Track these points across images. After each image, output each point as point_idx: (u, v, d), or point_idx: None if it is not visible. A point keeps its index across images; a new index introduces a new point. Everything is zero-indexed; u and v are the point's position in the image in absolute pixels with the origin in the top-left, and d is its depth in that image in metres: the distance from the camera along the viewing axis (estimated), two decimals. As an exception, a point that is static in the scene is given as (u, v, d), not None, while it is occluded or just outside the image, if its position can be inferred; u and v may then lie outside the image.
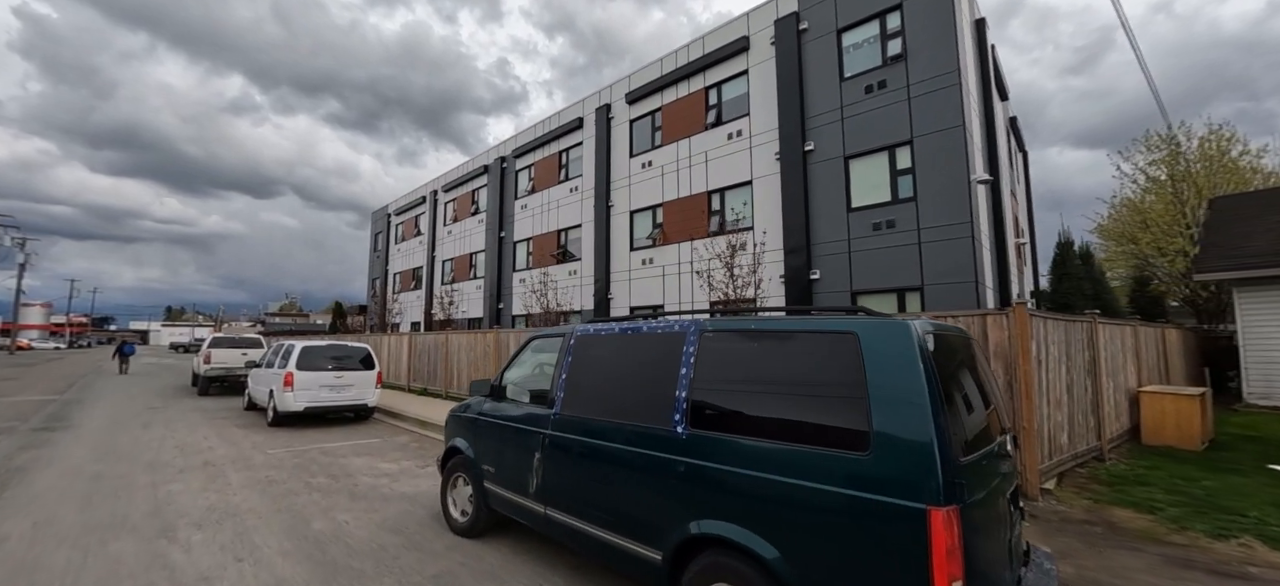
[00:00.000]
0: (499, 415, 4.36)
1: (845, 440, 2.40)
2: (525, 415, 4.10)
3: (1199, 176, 25.22)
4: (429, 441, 9.20)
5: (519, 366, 4.64)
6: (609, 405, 3.46)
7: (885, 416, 2.30)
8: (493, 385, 4.52)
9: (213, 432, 9.68)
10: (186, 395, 16.01)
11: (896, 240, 12.31)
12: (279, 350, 11.61)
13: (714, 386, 2.98)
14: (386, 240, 37.49)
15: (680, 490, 2.89)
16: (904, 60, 12.50)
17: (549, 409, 3.87)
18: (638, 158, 18.72)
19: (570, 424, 3.65)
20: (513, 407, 4.30)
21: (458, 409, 5.07)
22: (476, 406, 4.71)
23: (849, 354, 2.49)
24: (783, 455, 2.55)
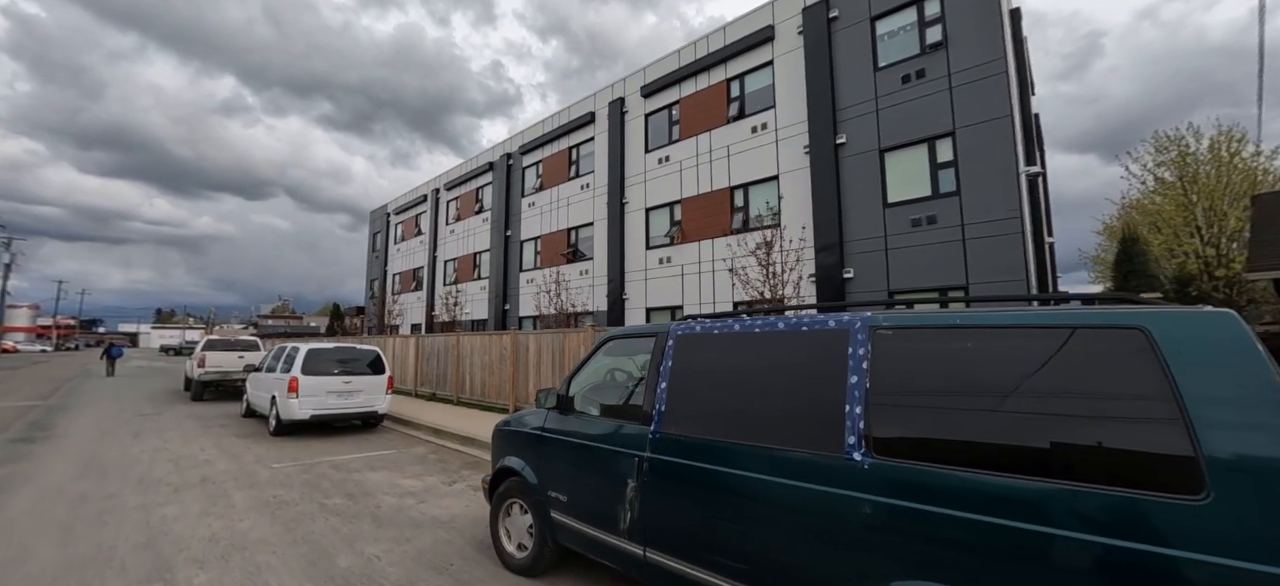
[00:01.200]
0: (571, 432, 3.60)
1: (1147, 475, 1.69)
2: (609, 432, 3.36)
3: (1208, 179, 24.89)
4: (448, 453, 8.41)
5: (590, 373, 3.90)
6: (736, 423, 2.72)
7: (1226, 440, 1.59)
8: (559, 395, 3.76)
9: (210, 443, 8.85)
10: (179, 400, 15.10)
11: (938, 236, 11.65)
12: (280, 353, 10.79)
13: (906, 400, 2.26)
14: (385, 240, 36.58)
15: (868, 538, 2.16)
16: (944, 48, 11.87)
17: (644, 426, 3.13)
18: (654, 153, 18.01)
19: (679, 446, 2.91)
20: (589, 423, 3.55)
21: (510, 423, 4.32)
22: (536, 420, 3.96)
23: (1138, 354, 1.78)
24: (1040, 497, 1.83)
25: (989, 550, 1.89)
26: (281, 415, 9.46)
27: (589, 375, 3.90)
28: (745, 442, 2.63)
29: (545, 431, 3.81)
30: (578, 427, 3.57)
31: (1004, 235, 10.85)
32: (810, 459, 2.39)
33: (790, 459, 2.46)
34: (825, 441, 2.37)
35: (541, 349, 10.95)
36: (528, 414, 4.23)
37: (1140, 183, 27.12)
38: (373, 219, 39.14)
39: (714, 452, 2.73)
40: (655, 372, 3.21)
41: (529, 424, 4.02)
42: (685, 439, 2.89)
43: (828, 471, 2.32)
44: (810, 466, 2.38)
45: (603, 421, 3.46)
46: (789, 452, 2.47)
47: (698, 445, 2.82)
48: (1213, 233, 23.78)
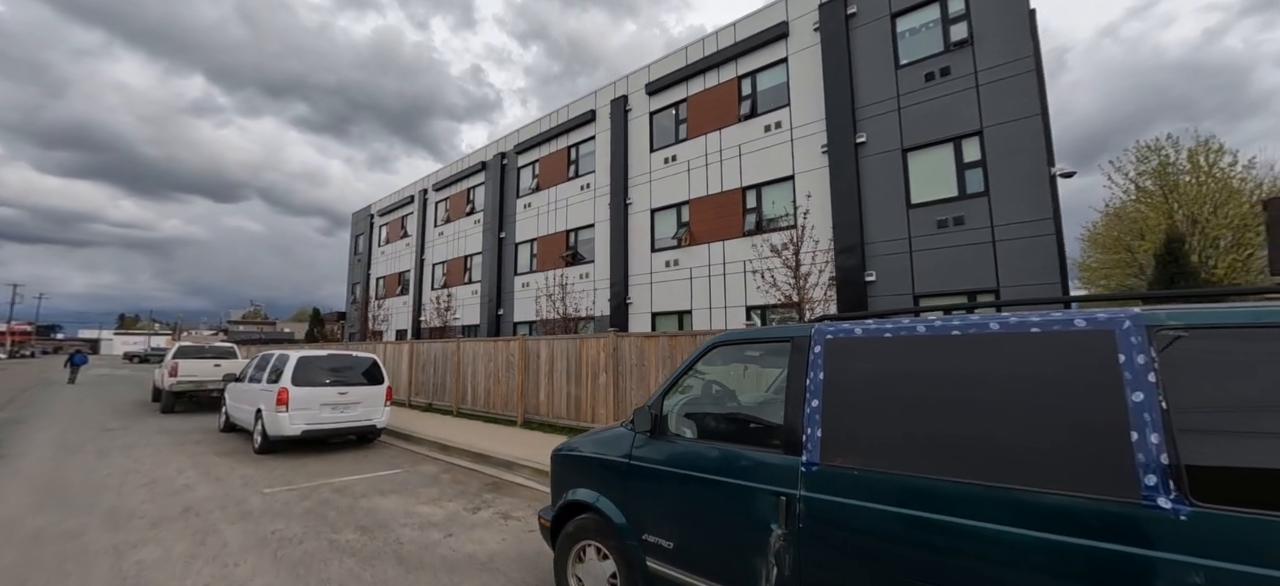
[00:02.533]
0: (677, 461, 2.91)
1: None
2: (733, 463, 2.68)
3: (1188, 188, 25.43)
4: (461, 472, 7.60)
5: (693, 387, 3.22)
6: (942, 454, 2.07)
7: None
8: (654, 416, 3.07)
9: (188, 463, 7.87)
10: (148, 412, 13.87)
11: (965, 238, 11.27)
12: (265, 362, 9.82)
13: (1233, 426, 1.64)
14: (369, 243, 35.23)
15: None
16: (970, 45, 11.54)
17: (790, 455, 2.46)
18: (659, 152, 17.41)
19: (854, 483, 2.24)
20: (701, 451, 2.86)
21: (577, 448, 3.60)
22: (620, 446, 3.26)
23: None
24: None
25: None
26: (269, 431, 8.51)
27: (690, 390, 3.22)
28: (968, 481, 1.98)
29: (635, 460, 3.11)
30: (686, 456, 2.88)
31: (1036, 236, 10.51)
32: (1077, 504, 1.76)
33: (1041, 504, 1.82)
34: (1101, 480, 1.74)
35: (554, 356, 10.19)
36: (599, 437, 3.52)
37: (1123, 192, 27.58)
38: (355, 221, 37.72)
39: (917, 494, 2.07)
40: (799, 387, 2.55)
41: (609, 450, 3.31)
42: (864, 475, 2.23)
43: (1111, 522, 1.69)
44: (1076, 515, 1.75)
45: (721, 449, 2.78)
46: (1040, 496, 1.83)
47: (886, 483, 2.16)
48: (1198, 240, 24.26)
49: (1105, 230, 28.02)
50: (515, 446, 8.55)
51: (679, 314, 16.08)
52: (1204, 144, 25.43)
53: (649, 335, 8.55)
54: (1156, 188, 26.24)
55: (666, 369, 8.24)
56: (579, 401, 9.58)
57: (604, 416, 9.09)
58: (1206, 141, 25.46)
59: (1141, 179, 26.97)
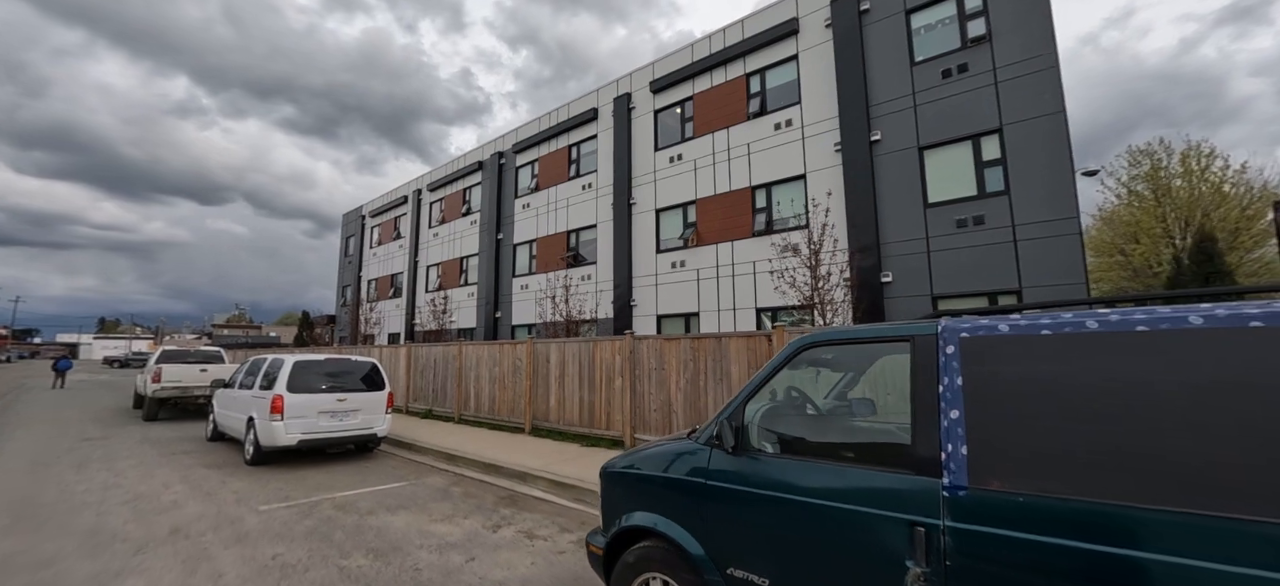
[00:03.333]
0: (769, 481, 2.48)
1: None
2: (848, 484, 2.26)
3: (1180, 192, 25.62)
4: (472, 484, 7.10)
5: (775, 393, 2.81)
6: (1149, 478, 1.67)
7: None
8: (736, 427, 2.64)
9: (175, 476, 7.29)
10: (130, 420, 13.16)
11: (986, 238, 11.00)
12: (257, 367, 9.26)
13: None
14: (360, 244, 34.43)
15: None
16: (989, 42, 11.31)
17: (927, 477, 2.05)
18: (664, 151, 17.03)
19: (1023, 512, 1.83)
20: (794, 468, 2.44)
21: (634, 465, 3.16)
22: (690, 462, 2.83)
23: None
24: None
25: None
26: (262, 440, 7.95)
27: (774, 397, 2.81)
28: (1186, 511, 1.57)
29: (715, 480, 2.67)
30: (782, 476, 2.45)
31: (1060, 236, 10.26)
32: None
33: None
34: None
35: (565, 360, 9.73)
36: (660, 453, 3.09)
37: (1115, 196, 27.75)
38: (346, 222, 36.91)
39: (1114, 526, 1.67)
40: (928, 395, 2.14)
41: (678, 468, 2.87)
42: (1036, 503, 1.82)
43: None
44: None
45: (828, 468, 2.36)
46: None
47: (1071, 513, 1.75)
48: (1191, 243, 24.40)
49: (1098, 234, 28.16)
50: (527, 456, 8.07)
51: (685, 316, 15.67)
52: (1195, 148, 25.67)
53: (670, 337, 8.13)
54: (1149, 192, 26.42)
55: (689, 373, 7.82)
56: (592, 408, 9.12)
57: (619, 423, 8.64)
58: (1197, 146, 25.71)
59: (1134, 183, 27.15)
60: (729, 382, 7.37)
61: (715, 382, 7.49)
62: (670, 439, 3.38)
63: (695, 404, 7.68)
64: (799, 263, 10.54)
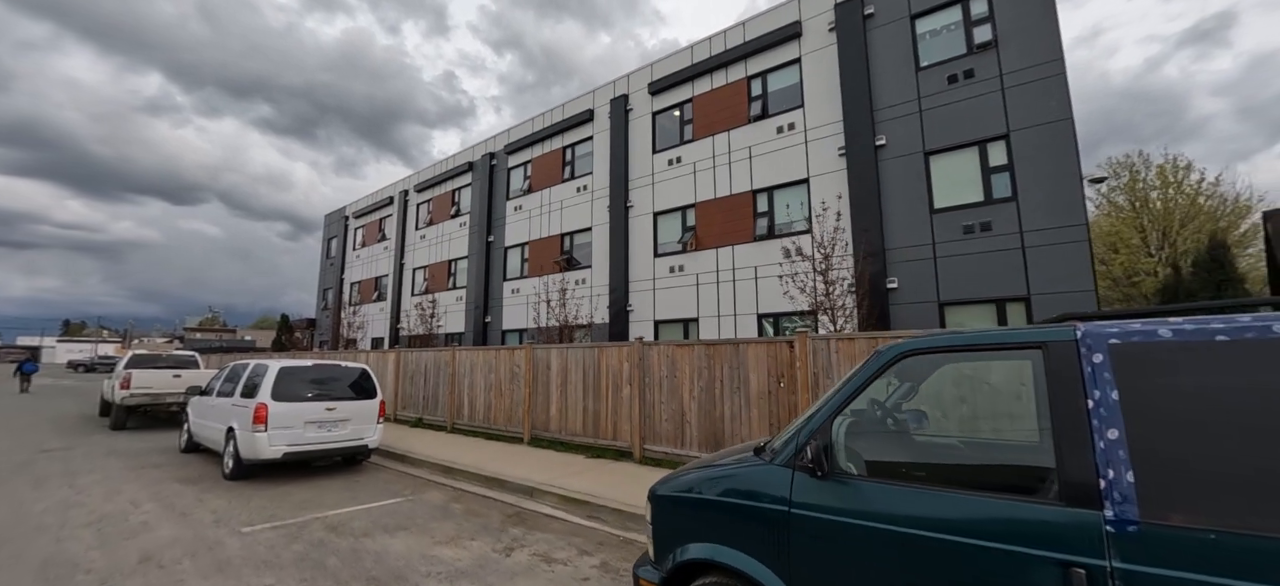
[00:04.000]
0: (871, 512, 2.12)
1: None
2: (976, 515, 1.91)
3: (1157, 204, 26.28)
4: (474, 500, 6.63)
5: (863, 409, 2.46)
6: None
7: None
8: (823, 446, 2.28)
9: (145, 493, 6.66)
10: (95, 429, 12.31)
11: (993, 244, 10.89)
12: (238, 373, 8.65)
13: None
14: (342, 246, 33.45)
15: None
16: (995, 48, 11.26)
17: (1082, 508, 1.72)
18: (663, 153, 16.73)
19: (1219, 552, 1.51)
20: (904, 497, 2.09)
21: (693, 487, 2.78)
22: (765, 484, 2.46)
23: None
24: None
25: None
26: (243, 453, 7.36)
27: (861, 414, 2.46)
28: None
29: (800, 506, 2.31)
30: (888, 506, 2.09)
31: (1068, 243, 10.18)
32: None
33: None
34: None
35: (567, 367, 9.29)
36: (724, 474, 2.72)
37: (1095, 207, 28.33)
38: (328, 223, 35.86)
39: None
40: (1074, 412, 1.81)
41: (750, 492, 2.50)
42: (1237, 541, 1.49)
43: None
44: None
45: (946, 496, 2.01)
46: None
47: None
48: (1169, 253, 24.98)
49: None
50: (530, 468, 7.61)
51: (684, 321, 15.34)
52: (1171, 161, 26.36)
53: (682, 344, 7.76)
54: (1127, 203, 27.02)
55: (703, 382, 7.46)
56: (598, 417, 8.70)
57: (627, 434, 8.23)
58: (1174, 159, 26.40)
59: (1113, 194, 27.74)
60: (747, 392, 7.03)
61: (732, 392, 7.14)
62: (730, 456, 3.01)
63: (710, 414, 7.32)
64: (809, 267, 10.28)
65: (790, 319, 13.21)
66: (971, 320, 11.08)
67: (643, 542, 5.12)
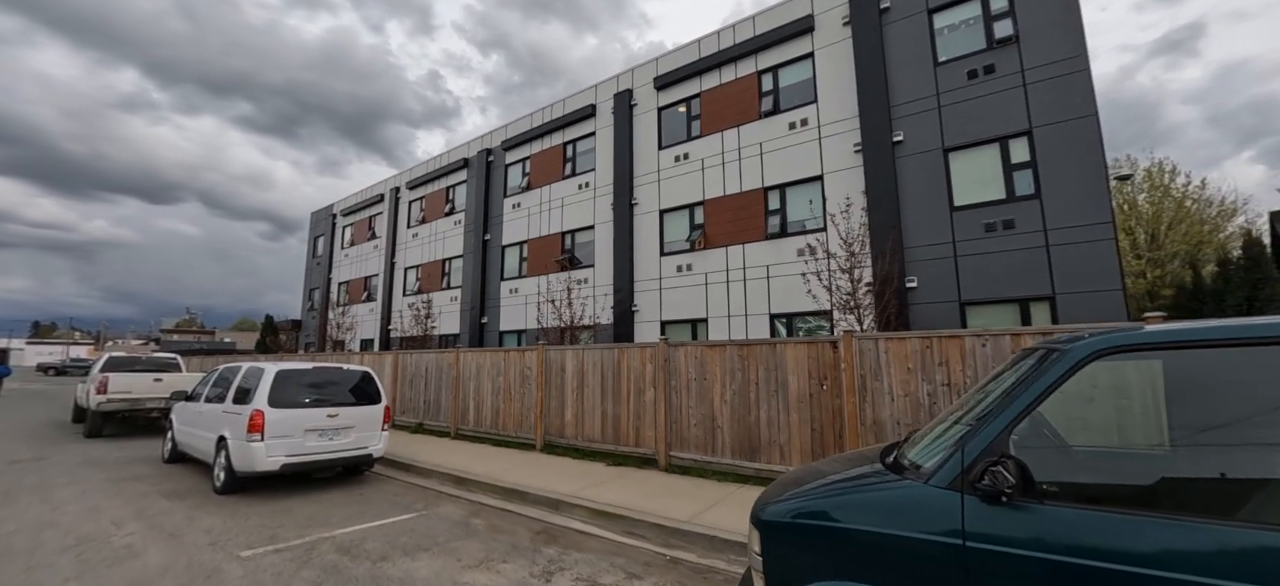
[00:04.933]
0: (1090, 547, 1.69)
1: None
2: (1256, 554, 1.49)
3: (1145, 207, 26.61)
4: (494, 514, 6.11)
5: (1087, 406, 2.05)
6: None
7: None
8: (1018, 464, 1.85)
9: (128, 510, 6.03)
10: (69, 437, 11.49)
11: (1016, 242, 10.64)
12: (230, 377, 8.01)
13: None
14: (330, 245, 32.45)
15: None
16: (1016, 43, 11.03)
17: None
18: (669, 150, 16.31)
19: None
20: (1138, 530, 1.66)
21: (824, 512, 2.33)
22: (924, 511, 2.02)
23: None
24: None
25: None
26: (237, 465, 6.74)
27: (1072, 411, 2.04)
28: None
29: (980, 541, 1.87)
30: (1115, 541, 1.66)
31: (1095, 241, 9.96)
32: None
33: None
34: None
35: (584, 369, 8.79)
36: (860, 497, 2.28)
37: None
38: (315, 221, 34.81)
39: None
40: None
41: (904, 520, 2.06)
42: None
43: None
44: None
45: (1208, 530, 1.58)
46: None
47: None
48: (1157, 255, 25.26)
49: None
50: (550, 478, 7.11)
51: (692, 322, 14.92)
52: (1159, 164, 26.71)
53: (712, 344, 7.33)
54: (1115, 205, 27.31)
55: (736, 384, 7.03)
56: (618, 422, 8.22)
57: (651, 440, 7.77)
58: (1161, 162, 26.76)
59: (1101, 196, 27.97)
60: (786, 395, 6.61)
61: (769, 395, 6.73)
62: (848, 469, 2.58)
63: (744, 419, 6.89)
64: (835, 265, 9.93)
65: (805, 319, 12.87)
66: (994, 320, 10.82)
67: (692, 563, 4.68)
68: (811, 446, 6.36)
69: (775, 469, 6.55)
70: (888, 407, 5.91)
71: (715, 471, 7.02)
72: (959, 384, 5.57)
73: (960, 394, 5.53)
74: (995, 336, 5.48)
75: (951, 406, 3.03)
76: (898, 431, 5.83)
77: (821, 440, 6.29)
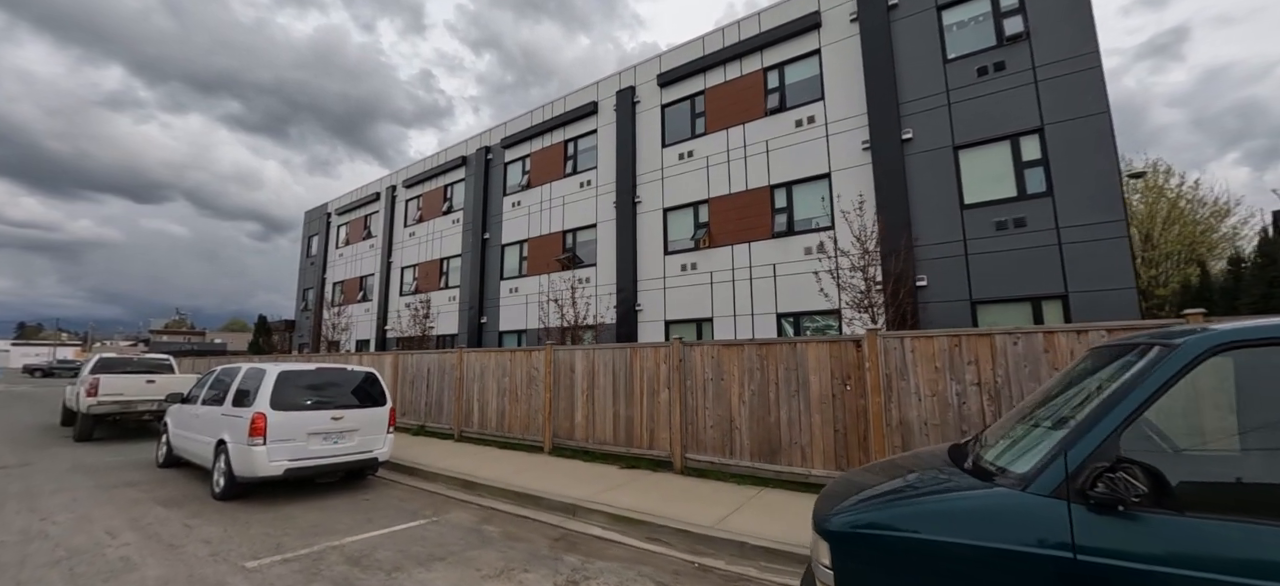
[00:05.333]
0: (1245, 564, 1.51)
1: None
2: None
3: (1139, 207, 26.79)
4: (507, 520, 5.88)
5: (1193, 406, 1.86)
6: None
7: None
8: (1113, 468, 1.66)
9: (122, 519, 5.74)
10: (56, 441, 11.12)
11: (1028, 241, 10.54)
12: (228, 379, 7.73)
13: None
14: (324, 244, 32.00)
15: None
16: (1027, 40, 10.94)
17: None
18: (673, 147, 16.12)
19: None
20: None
21: (887, 520, 2.14)
22: (1019, 520, 1.84)
23: None
24: None
25: None
26: (237, 470, 6.47)
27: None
28: None
29: (1088, 556, 1.69)
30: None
31: (1107, 239, 9.88)
32: None
33: None
34: None
35: (594, 370, 8.57)
36: (940, 507, 2.08)
37: None
38: (308, 220, 34.33)
39: None
40: None
41: (998, 530, 1.86)
42: None
43: None
44: None
45: None
46: None
47: None
48: (1151, 255, 25.40)
49: None
50: (562, 482, 6.88)
51: (697, 321, 14.74)
52: (1153, 165, 26.89)
53: (729, 344, 7.13)
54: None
55: (755, 385, 6.84)
56: (630, 424, 8.00)
57: (665, 442, 7.56)
58: (1155, 162, 26.94)
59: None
60: (807, 395, 6.43)
61: (789, 395, 6.54)
62: (920, 470, 2.39)
63: (763, 420, 6.70)
64: (846, 263, 9.77)
65: (813, 318, 12.73)
66: (1005, 319, 10.71)
67: (721, 570, 4.47)
68: (835, 448, 6.18)
69: (796, 472, 6.37)
70: (915, 407, 5.74)
71: (733, 474, 6.83)
72: (989, 383, 5.41)
73: (992, 393, 5.37)
74: (1027, 334, 5.32)
75: (1019, 407, 2.85)
76: (926, 432, 5.66)
77: (845, 441, 6.11)
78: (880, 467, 2.84)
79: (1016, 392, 5.26)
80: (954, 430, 5.50)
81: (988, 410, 5.38)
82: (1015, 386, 5.28)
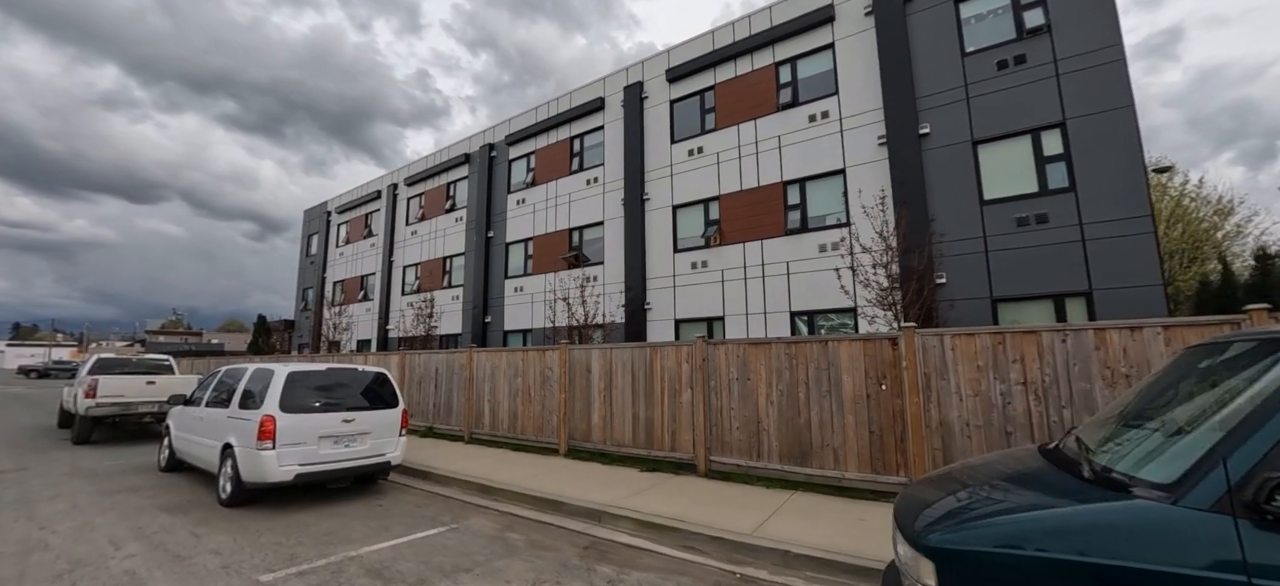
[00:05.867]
0: None
1: None
2: None
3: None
4: (531, 527, 5.62)
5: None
6: None
7: None
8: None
9: (125, 527, 5.47)
10: (54, 444, 10.82)
11: (1050, 237, 10.33)
12: (233, 380, 7.46)
13: None
14: (324, 243, 31.65)
15: None
16: (1048, 33, 10.73)
17: None
18: (682, 143, 15.88)
19: None
20: None
21: (1014, 536, 1.89)
22: (1164, 537, 1.61)
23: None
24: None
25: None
26: (245, 475, 6.19)
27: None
28: None
29: (1264, 579, 1.46)
30: None
31: (1133, 236, 9.66)
32: None
33: None
34: None
35: (612, 370, 8.32)
36: (1068, 513, 1.84)
37: None
38: (308, 219, 33.97)
39: None
40: None
41: (1146, 556, 1.62)
42: None
43: None
44: None
45: None
46: None
47: None
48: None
49: None
50: (583, 486, 6.63)
51: (708, 320, 14.49)
52: (1156, 163, 26.76)
53: (756, 342, 6.89)
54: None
55: (783, 384, 6.60)
56: (650, 425, 7.76)
57: (688, 444, 7.32)
58: (1159, 160, 26.81)
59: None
60: (839, 395, 6.19)
61: (820, 396, 6.30)
62: (1023, 480, 2.17)
63: (793, 421, 6.46)
64: (870, 260, 9.54)
65: (828, 316, 12.50)
66: (1027, 317, 10.50)
67: (765, 581, 4.23)
68: (870, 450, 5.94)
69: (829, 475, 6.13)
70: (955, 408, 5.51)
71: (761, 477, 6.59)
72: (1036, 382, 5.18)
73: (1039, 393, 5.14)
74: (1076, 331, 5.10)
75: (1115, 405, 2.62)
76: (967, 433, 5.43)
77: (881, 443, 5.88)
78: (969, 473, 2.59)
79: (1065, 393, 5.03)
80: (998, 431, 5.27)
81: (1034, 410, 5.15)
82: (1063, 386, 5.05)
